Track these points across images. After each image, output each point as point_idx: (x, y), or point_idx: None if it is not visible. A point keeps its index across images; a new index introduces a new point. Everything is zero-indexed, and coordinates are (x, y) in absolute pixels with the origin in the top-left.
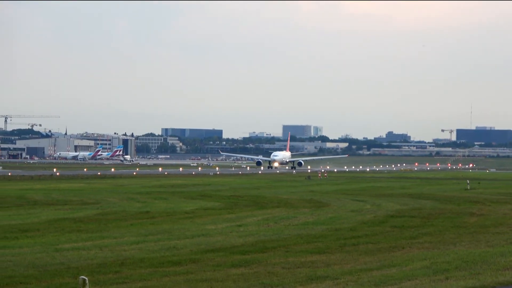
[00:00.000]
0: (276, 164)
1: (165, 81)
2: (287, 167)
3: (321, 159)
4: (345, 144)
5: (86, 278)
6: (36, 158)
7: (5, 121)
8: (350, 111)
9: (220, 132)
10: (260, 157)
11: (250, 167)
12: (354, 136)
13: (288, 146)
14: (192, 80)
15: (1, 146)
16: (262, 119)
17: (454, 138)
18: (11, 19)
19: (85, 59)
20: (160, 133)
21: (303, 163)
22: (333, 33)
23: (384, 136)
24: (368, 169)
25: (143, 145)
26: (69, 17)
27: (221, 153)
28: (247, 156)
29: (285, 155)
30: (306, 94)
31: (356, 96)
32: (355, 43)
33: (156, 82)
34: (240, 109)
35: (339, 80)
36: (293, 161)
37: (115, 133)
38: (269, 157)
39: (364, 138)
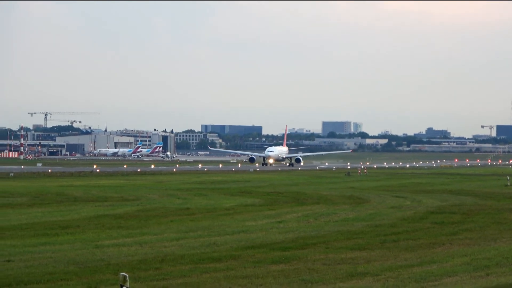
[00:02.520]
0: (271, 161)
1: (205, 78)
2: (287, 164)
3: (322, 154)
4: (385, 140)
5: (127, 275)
6: (78, 155)
7: (45, 118)
8: (390, 107)
9: (260, 128)
10: (254, 153)
11: (242, 164)
12: (394, 132)
13: (285, 140)
14: (232, 77)
15: (41, 143)
16: (302, 116)
17: (494, 134)
18: (48, 17)
19: (125, 57)
20: (199, 130)
21: (301, 159)
22: (372, 29)
23: (424, 132)
24: (408, 165)
25: (183, 142)
26: (108, 15)
27: (210, 148)
28: (240, 152)
29: (281, 150)
30: (346, 90)
31: (396, 92)
32: (395, 40)
33: (196, 78)
34: (280, 105)
35: (379, 76)
36: (290, 157)
37: (155, 130)
38: (271, 152)
39: (403, 134)
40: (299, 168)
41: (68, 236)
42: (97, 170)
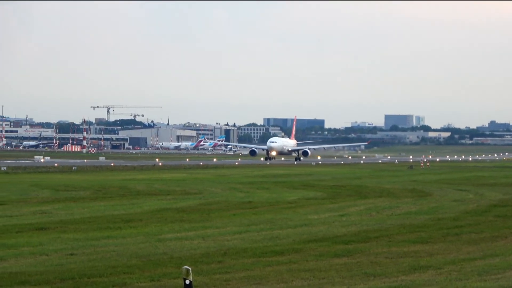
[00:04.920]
0: (273, 153)
1: (267, 71)
2: (294, 158)
3: (335, 147)
4: (447, 134)
5: (189, 268)
6: (143, 149)
7: (108, 111)
8: (453, 101)
9: (322, 121)
10: (255, 146)
11: (241, 157)
12: (457, 126)
13: (294, 132)
14: (294, 70)
15: (104, 137)
16: (364, 109)
17: None
18: (110, 11)
19: (187, 50)
20: (262, 123)
21: (309, 152)
22: (434, 23)
23: (487, 125)
24: (470, 159)
25: (245, 135)
26: (170, 7)
27: (207, 140)
28: (240, 144)
29: (286, 142)
30: (409, 83)
31: (458, 85)
32: (457, 33)
33: (258, 72)
34: (343, 98)
35: (441, 69)
36: (298, 151)
37: (217, 123)
38: (273, 143)
39: (466, 127)
40: (295, 162)
41: (130, 230)
42: (160, 164)
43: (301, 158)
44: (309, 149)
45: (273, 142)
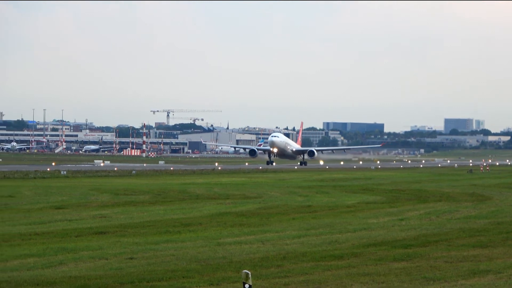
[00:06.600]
0: (275, 150)
1: (326, 76)
2: (299, 162)
3: (344, 149)
4: (507, 138)
5: (249, 272)
6: (203, 153)
7: (168, 115)
8: None
9: (382, 125)
10: (256, 146)
11: (234, 162)
12: None
13: (300, 138)
14: (354, 74)
15: (163, 141)
16: (424, 113)
17: None
18: (169, 15)
19: (247, 54)
20: (321, 127)
21: (316, 152)
22: (493, 25)
23: None
24: None
25: (305, 139)
26: (229, 12)
27: (203, 142)
28: (240, 146)
29: (289, 141)
30: (468, 87)
31: None
32: None
33: (317, 76)
34: (402, 102)
35: (501, 73)
36: (303, 153)
37: (276, 127)
38: (275, 138)
39: None
40: (295, 167)
41: (190, 234)
42: (219, 168)
43: (306, 162)
44: (316, 150)
45: (275, 136)
